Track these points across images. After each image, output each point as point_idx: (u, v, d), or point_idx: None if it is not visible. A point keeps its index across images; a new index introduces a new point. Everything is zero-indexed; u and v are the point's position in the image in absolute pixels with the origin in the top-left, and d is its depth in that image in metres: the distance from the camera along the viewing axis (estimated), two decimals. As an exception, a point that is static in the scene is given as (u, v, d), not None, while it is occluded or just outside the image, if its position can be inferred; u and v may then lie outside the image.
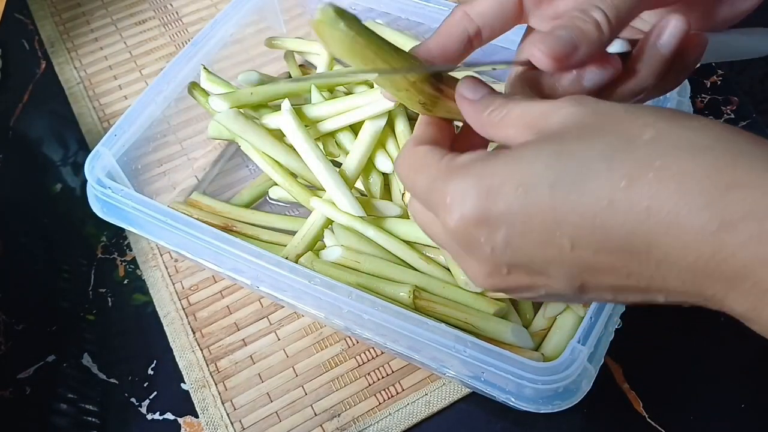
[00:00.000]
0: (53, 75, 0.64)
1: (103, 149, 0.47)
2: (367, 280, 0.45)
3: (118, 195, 0.45)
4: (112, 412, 0.48)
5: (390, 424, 0.46)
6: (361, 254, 0.46)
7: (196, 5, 0.68)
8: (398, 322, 0.39)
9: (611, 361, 0.47)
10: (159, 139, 0.53)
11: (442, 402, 0.46)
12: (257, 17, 0.55)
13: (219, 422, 0.46)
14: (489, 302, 0.44)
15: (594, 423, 0.46)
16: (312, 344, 0.49)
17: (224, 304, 0.51)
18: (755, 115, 0.58)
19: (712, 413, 0.45)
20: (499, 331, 0.43)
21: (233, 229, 0.51)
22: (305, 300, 0.41)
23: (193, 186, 0.55)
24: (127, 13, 0.68)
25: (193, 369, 0.49)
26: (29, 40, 0.68)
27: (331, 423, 0.46)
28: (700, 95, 0.59)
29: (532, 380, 0.36)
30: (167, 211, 0.44)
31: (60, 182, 0.59)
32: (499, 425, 0.46)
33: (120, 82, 0.63)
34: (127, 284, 0.53)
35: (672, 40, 0.29)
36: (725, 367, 0.47)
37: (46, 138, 0.62)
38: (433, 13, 0.52)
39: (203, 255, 0.43)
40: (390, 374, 0.47)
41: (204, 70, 0.51)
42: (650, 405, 0.46)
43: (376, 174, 0.50)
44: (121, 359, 0.50)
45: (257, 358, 0.49)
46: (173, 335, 0.50)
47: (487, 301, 0.44)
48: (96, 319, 0.52)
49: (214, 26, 0.52)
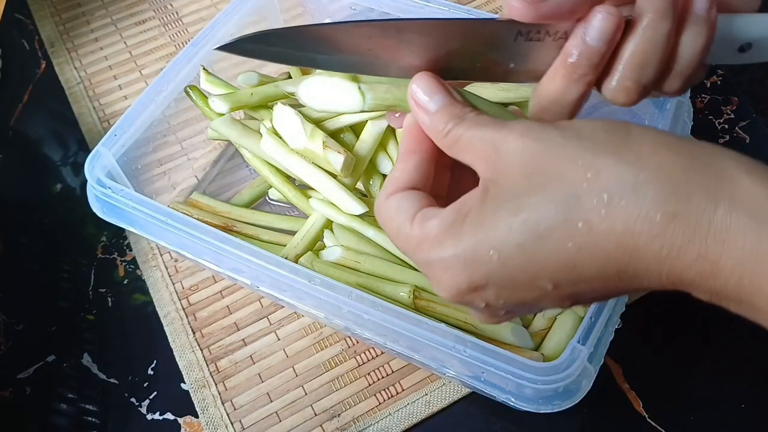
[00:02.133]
0: (53, 75, 0.64)
1: (103, 149, 0.47)
2: (366, 280, 0.45)
3: (118, 195, 0.45)
4: (112, 412, 0.48)
5: (390, 424, 0.46)
6: (361, 254, 0.46)
7: (196, 5, 0.68)
8: (398, 322, 0.39)
9: (611, 361, 0.47)
10: (159, 139, 0.53)
11: (442, 402, 0.46)
12: (257, 17, 0.55)
13: (219, 422, 0.46)
14: None
15: (594, 423, 0.46)
16: (312, 344, 0.49)
17: (224, 304, 0.51)
18: (755, 115, 0.58)
19: (712, 413, 0.45)
20: (499, 330, 0.43)
21: (233, 229, 0.51)
22: (305, 300, 0.41)
23: (193, 186, 0.55)
24: (127, 13, 0.68)
25: (193, 369, 0.49)
26: (29, 40, 0.68)
27: (331, 423, 0.46)
28: (700, 95, 0.59)
29: (532, 380, 0.36)
30: (167, 211, 0.44)
31: (60, 182, 0.59)
32: (499, 425, 0.46)
33: (120, 82, 0.63)
34: (127, 284, 0.53)
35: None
36: (725, 367, 0.47)
37: (46, 138, 0.62)
38: (434, 14, 0.51)
39: (203, 255, 0.43)
40: (390, 374, 0.47)
41: (203, 71, 0.51)
42: (650, 405, 0.46)
43: (377, 176, 0.50)
44: (121, 359, 0.50)
45: (257, 358, 0.49)
46: (173, 335, 0.50)
47: None
48: (96, 319, 0.52)
49: (214, 26, 0.52)
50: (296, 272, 0.41)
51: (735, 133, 0.57)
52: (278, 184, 0.50)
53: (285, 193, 0.51)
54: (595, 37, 0.29)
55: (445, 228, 0.28)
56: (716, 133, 0.57)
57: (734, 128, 0.57)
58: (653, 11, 0.29)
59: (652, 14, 0.29)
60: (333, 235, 0.48)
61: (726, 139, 0.57)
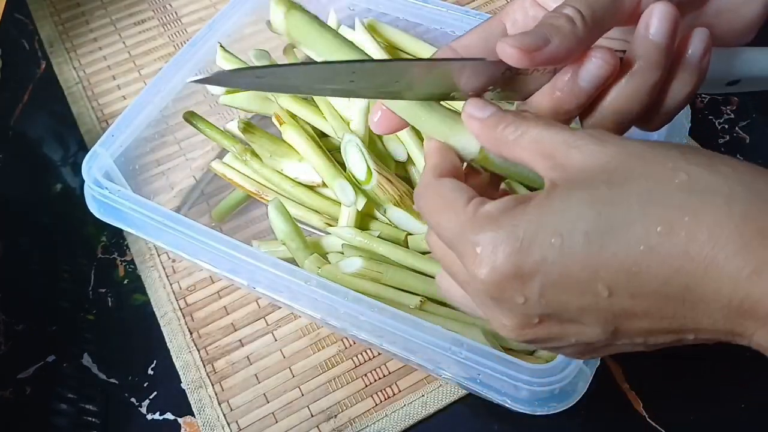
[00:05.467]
0: (53, 75, 0.64)
1: (101, 149, 0.47)
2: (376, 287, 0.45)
3: (115, 195, 0.45)
4: (112, 412, 0.48)
5: (387, 425, 0.46)
6: (382, 264, 0.45)
7: (195, 5, 0.68)
8: (394, 323, 0.39)
9: (611, 361, 0.47)
10: (157, 139, 0.53)
11: (439, 403, 0.46)
12: (255, 17, 0.55)
13: (215, 423, 0.47)
14: None
15: (594, 423, 0.46)
16: (309, 345, 0.49)
17: (221, 305, 0.51)
18: (755, 115, 0.57)
19: (712, 413, 0.45)
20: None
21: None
22: (301, 301, 0.41)
23: (191, 186, 0.55)
24: (126, 13, 0.68)
25: (189, 369, 0.49)
26: (29, 40, 0.68)
27: (328, 424, 0.46)
28: (700, 96, 0.59)
29: (527, 382, 0.36)
30: (164, 211, 0.44)
31: (60, 182, 0.59)
32: (496, 427, 0.45)
33: (119, 82, 0.63)
34: (127, 284, 0.53)
35: (662, 24, 0.28)
36: (726, 367, 0.47)
37: (46, 138, 0.62)
38: (432, 14, 0.51)
39: (200, 256, 0.43)
40: (387, 375, 0.47)
41: (220, 48, 0.51)
42: (650, 405, 0.46)
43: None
44: (121, 359, 0.50)
45: (254, 359, 0.49)
46: (170, 335, 0.50)
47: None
48: (96, 319, 0.52)
49: (212, 26, 0.52)
50: (293, 273, 0.41)
51: (735, 133, 0.57)
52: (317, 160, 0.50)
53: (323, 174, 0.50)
54: (587, 79, 0.28)
55: (504, 209, 0.26)
56: (716, 133, 0.57)
57: (734, 128, 0.57)
58: (645, 60, 0.28)
59: (644, 63, 0.28)
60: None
61: (726, 139, 0.56)
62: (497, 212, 0.26)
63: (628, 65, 0.28)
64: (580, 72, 0.28)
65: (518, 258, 0.25)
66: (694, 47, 0.29)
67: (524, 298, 0.25)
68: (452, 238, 0.27)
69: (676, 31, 0.28)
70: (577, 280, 0.24)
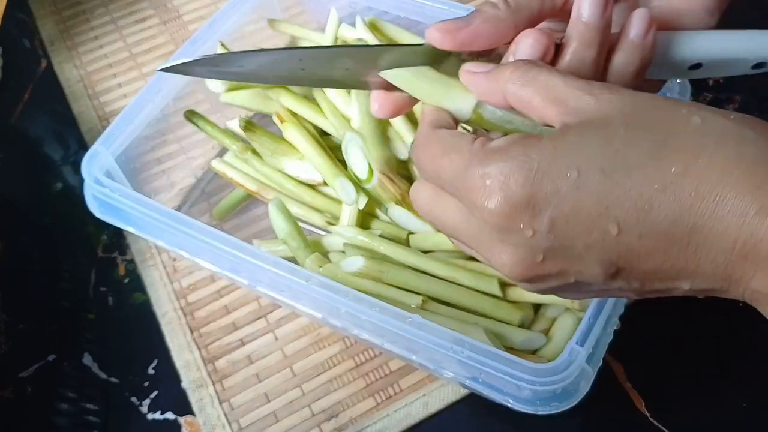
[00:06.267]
0: (54, 74, 0.64)
1: (101, 148, 0.47)
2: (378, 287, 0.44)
3: (114, 194, 0.45)
4: (113, 412, 0.48)
5: (388, 424, 0.45)
6: (384, 264, 0.45)
7: (195, 4, 0.67)
8: (396, 322, 0.39)
9: (613, 360, 0.47)
10: (157, 138, 0.52)
11: (441, 403, 0.46)
12: (256, 16, 0.55)
13: (216, 422, 0.46)
14: (512, 310, 0.43)
15: (596, 422, 0.46)
16: (310, 344, 0.49)
17: (222, 304, 0.51)
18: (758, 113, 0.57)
19: (714, 412, 0.45)
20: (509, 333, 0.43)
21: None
22: (303, 300, 0.41)
23: (192, 185, 0.55)
24: (126, 12, 0.68)
25: (190, 368, 0.49)
26: (30, 39, 0.68)
27: (329, 423, 0.46)
28: (702, 94, 0.58)
29: (530, 381, 0.36)
30: (165, 210, 0.44)
31: (60, 181, 0.59)
32: (498, 426, 0.45)
33: (120, 80, 0.63)
34: (127, 283, 0.53)
35: (592, 4, 0.29)
36: (727, 366, 0.47)
37: (46, 137, 0.62)
38: (433, 12, 0.51)
39: (201, 255, 0.43)
40: (388, 375, 0.47)
41: (221, 46, 0.51)
42: (652, 404, 0.45)
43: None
44: (122, 358, 0.50)
45: (255, 358, 0.49)
46: (171, 334, 0.50)
47: (509, 309, 0.44)
48: (96, 319, 0.52)
49: (213, 24, 0.52)
50: (294, 272, 0.41)
51: (738, 130, 0.56)
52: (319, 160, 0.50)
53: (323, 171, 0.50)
54: (520, 58, 0.29)
55: (513, 142, 0.26)
56: (719, 130, 0.57)
57: (737, 126, 0.57)
58: (578, 40, 0.29)
59: (577, 42, 0.29)
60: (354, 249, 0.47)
61: (729, 137, 0.56)
62: (507, 145, 0.26)
63: (564, 46, 0.30)
64: (515, 53, 0.29)
65: (531, 188, 0.24)
66: (634, 26, 0.30)
67: (532, 231, 0.25)
68: (455, 177, 0.26)
69: (608, 11, 0.29)
70: (588, 215, 0.24)
